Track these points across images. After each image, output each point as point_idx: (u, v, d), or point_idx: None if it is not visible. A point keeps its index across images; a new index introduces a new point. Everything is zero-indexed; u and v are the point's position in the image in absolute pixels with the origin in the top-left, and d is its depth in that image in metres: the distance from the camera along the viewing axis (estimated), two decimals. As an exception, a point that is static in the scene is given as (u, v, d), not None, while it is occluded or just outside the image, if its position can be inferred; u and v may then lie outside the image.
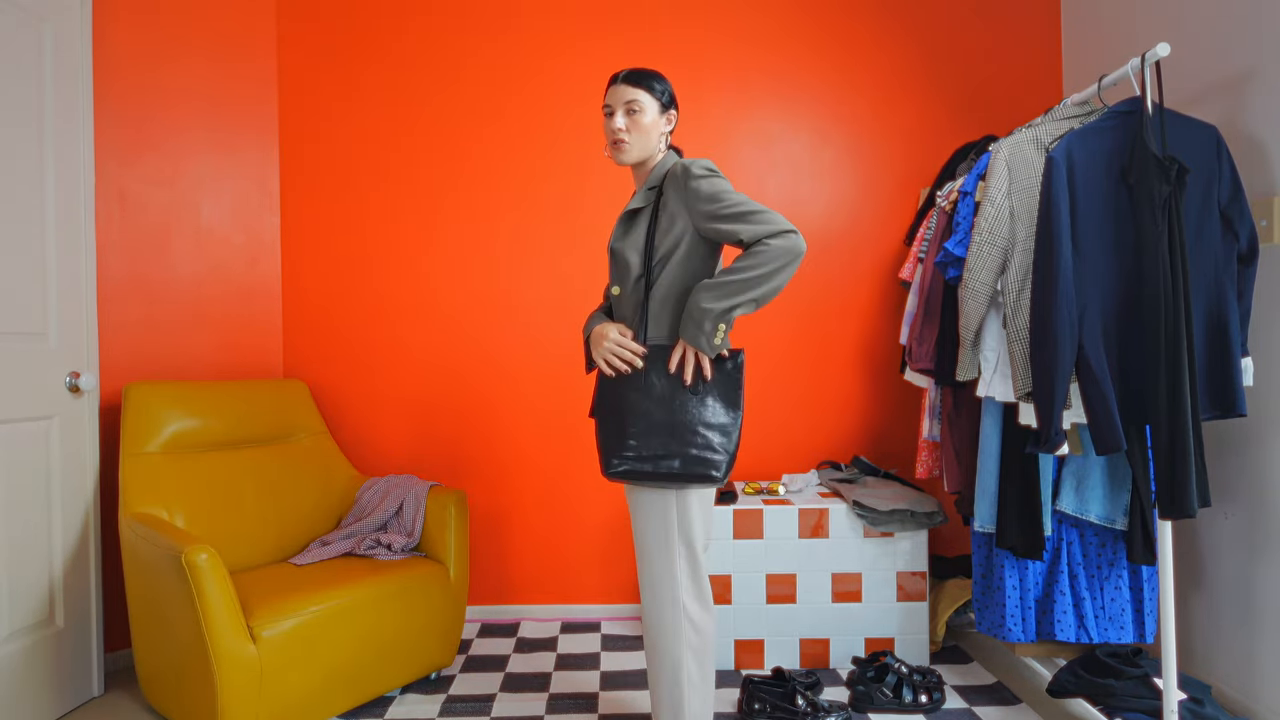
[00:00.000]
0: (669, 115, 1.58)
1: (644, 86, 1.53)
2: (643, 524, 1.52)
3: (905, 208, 2.67)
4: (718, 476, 1.44)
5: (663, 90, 1.55)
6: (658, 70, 1.61)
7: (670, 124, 1.58)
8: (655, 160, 1.58)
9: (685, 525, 1.50)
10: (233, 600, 1.64)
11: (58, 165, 1.95)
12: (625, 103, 1.53)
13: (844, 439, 2.67)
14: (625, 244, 1.54)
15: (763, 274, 1.37)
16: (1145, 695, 1.68)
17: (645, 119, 1.53)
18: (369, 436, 2.66)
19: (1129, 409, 1.62)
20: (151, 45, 2.33)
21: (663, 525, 1.50)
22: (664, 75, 1.61)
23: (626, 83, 1.53)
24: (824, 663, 2.22)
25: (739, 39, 2.67)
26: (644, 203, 1.54)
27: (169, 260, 2.38)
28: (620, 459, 1.45)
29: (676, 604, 1.50)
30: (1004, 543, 1.88)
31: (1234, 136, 1.86)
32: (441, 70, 2.66)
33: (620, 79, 1.54)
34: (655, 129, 1.55)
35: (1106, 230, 1.63)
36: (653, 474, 1.44)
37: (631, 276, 1.53)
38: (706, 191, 1.45)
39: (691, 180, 1.47)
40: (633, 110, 1.53)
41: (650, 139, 1.55)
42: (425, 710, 1.97)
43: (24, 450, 1.85)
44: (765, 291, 1.39)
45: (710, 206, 1.44)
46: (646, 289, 1.51)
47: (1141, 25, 2.22)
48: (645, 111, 1.53)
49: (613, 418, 1.48)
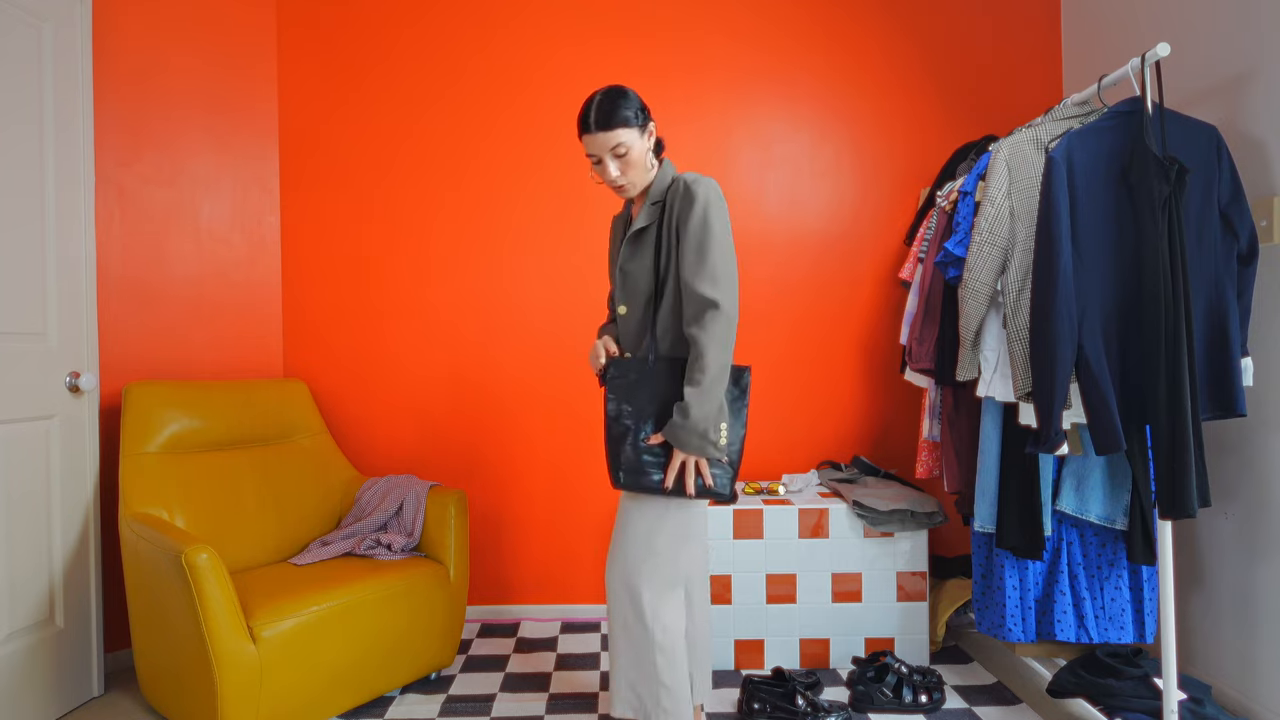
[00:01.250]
0: (649, 130, 1.52)
1: (619, 123, 1.45)
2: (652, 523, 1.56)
3: (905, 208, 2.67)
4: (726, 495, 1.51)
5: (635, 112, 1.47)
6: (620, 85, 1.50)
7: (652, 138, 1.53)
8: (653, 175, 1.56)
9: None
10: (233, 600, 1.64)
11: (58, 165, 1.95)
12: (611, 149, 1.47)
13: (844, 439, 2.67)
14: (636, 265, 1.53)
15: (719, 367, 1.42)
16: (1145, 695, 1.68)
17: (634, 154, 1.48)
18: (369, 436, 2.66)
19: (1129, 409, 1.62)
20: (151, 45, 2.33)
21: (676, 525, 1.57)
22: (625, 87, 1.50)
23: (601, 129, 1.45)
24: (824, 663, 2.22)
25: (739, 39, 2.67)
26: (649, 220, 1.52)
27: (169, 260, 2.38)
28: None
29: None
30: (1004, 543, 1.88)
31: (1234, 136, 1.86)
32: (441, 70, 2.66)
33: (592, 126, 1.45)
34: (644, 156, 1.51)
35: (1107, 230, 1.63)
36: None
37: (641, 298, 1.53)
38: (690, 228, 1.45)
39: (688, 204, 1.46)
40: (620, 154, 1.47)
41: (645, 167, 1.52)
42: (425, 710, 1.97)
43: (24, 450, 1.85)
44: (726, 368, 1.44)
45: (684, 253, 1.46)
46: (655, 310, 1.52)
47: (1141, 25, 2.22)
48: (633, 148, 1.48)
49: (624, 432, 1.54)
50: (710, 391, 1.42)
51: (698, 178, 1.47)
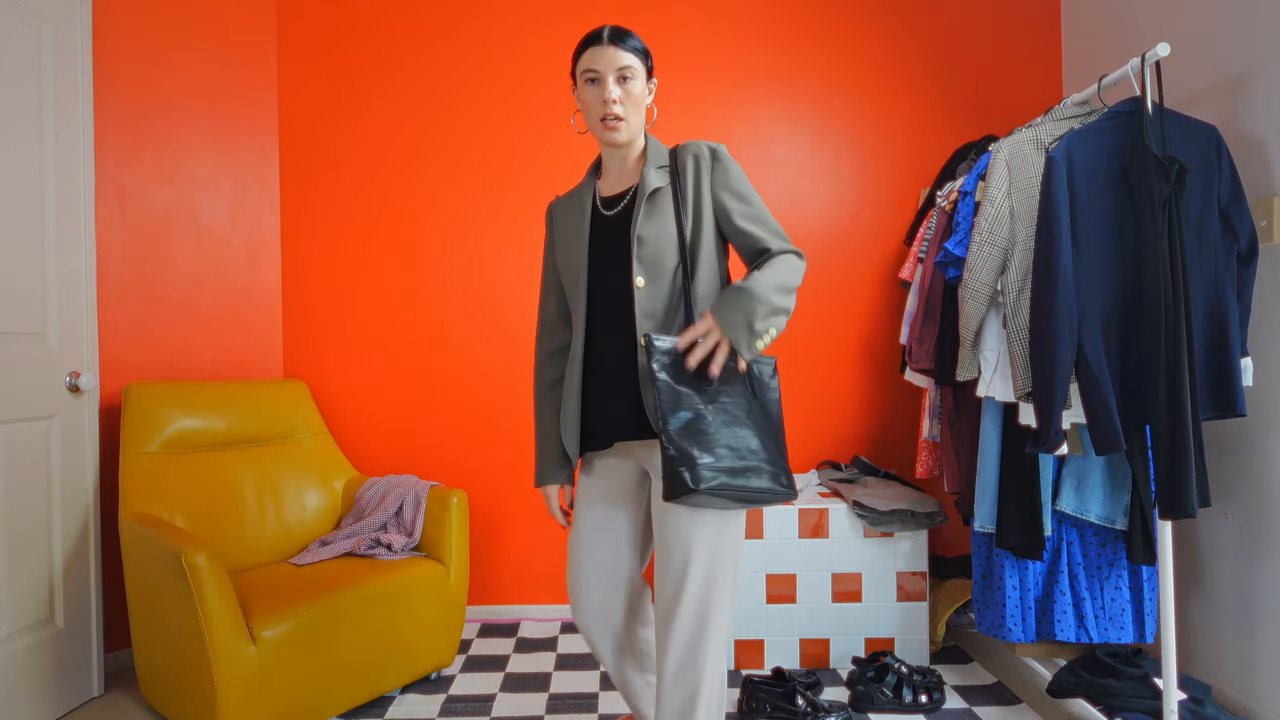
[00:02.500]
0: (652, 86, 1.38)
1: (634, 50, 1.30)
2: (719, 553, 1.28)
3: (905, 208, 2.67)
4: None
5: (647, 55, 1.34)
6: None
7: (652, 94, 1.38)
8: (640, 141, 1.38)
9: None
10: (232, 600, 1.64)
11: (58, 165, 1.95)
12: (619, 69, 1.28)
13: (844, 439, 2.67)
14: (656, 230, 1.30)
15: (794, 284, 1.26)
16: (1145, 695, 1.68)
17: (637, 91, 1.31)
18: (369, 436, 2.66)
19: (1129, 409, 1.62)
20: (151, 45, 2.33)
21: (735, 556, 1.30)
22: None
23: (616, 44, 1.28)
24: (824, 663, 2.22)
25: (739, 39, 2.67)
26: (663, 182, 1.33)
27: (169, 260, 2.38)
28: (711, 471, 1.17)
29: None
30: (1004, 543, 1.88)
31: (1234, 136, 1.86)
32: (442, 70, 2.66)
33: (606, 38, 1.28)
34: (643, 101, 1.34)
35: (1106, 230, 1.63)
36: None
37: (667, 266, 1.30)
38: (737, 186, 1.32)
39: (722, 165, 1.32)
40: (626, 78, 1.29)
41: (641, 114, 1.34)
42: (425, 710, 1.97)
43: (24, 450, 1.85)
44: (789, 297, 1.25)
45: (740, 205, 1.32)
46: (687, 278, 1.30)
47: (1141, 25, 2.22)
48: (637, 79, 1.30)
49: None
50: (779, 287, 1.23)
51: (713, 143, 1.36)
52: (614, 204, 1.39)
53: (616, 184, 1.41)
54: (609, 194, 1.41)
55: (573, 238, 1.40)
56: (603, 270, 1.36)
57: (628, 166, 1.40)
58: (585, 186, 1.44)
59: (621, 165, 1.40)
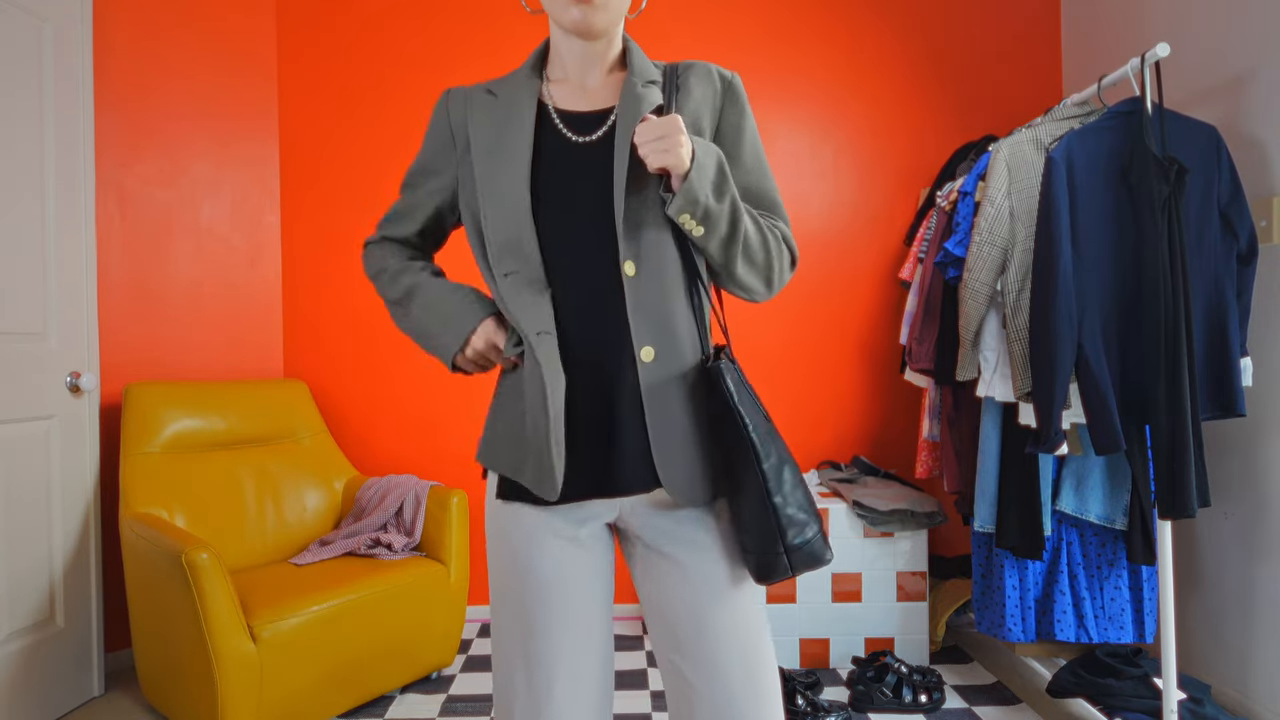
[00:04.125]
0: None
1: None
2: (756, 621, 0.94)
3: (905, 208, 2.67)
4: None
5: None
6: None
7: None
8: (618, 41, 0.96)
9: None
10: (233, 600, 1.64)
11: (58, 165, 1.95)
12: None
13: (844, 439, 2.67)
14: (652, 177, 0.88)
15: (775, 246, 0.92)
16: (1145, 695, 1.68)
17: None
18: (369, 436, 2.66)
19: (1129, 409, 1.62)
20: (152, 45, 2.33)
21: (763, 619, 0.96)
22: None
23: None
24: (824, 663, 2.22)
25: (739, 38, 2.67)
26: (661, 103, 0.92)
27: (169, 260, 2.38)
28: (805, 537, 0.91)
29: None
30: (1004, 543, 1.88)
31: (1234, 136, 1.86)
32: (442, 71, 2.66)
33: None
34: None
35: (1106, 230, 1.63)
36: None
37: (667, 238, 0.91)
38: (752, 137, 0.96)
39: (739, 104, 0.95)
40: None
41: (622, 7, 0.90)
42: (425, 710, 1.97)
43: (24, 450, 1.85)
44: (760, 255, 0.90)
45: (754, 163, 0.96)
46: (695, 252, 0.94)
47: (1141, 25, 2.22)
48: None
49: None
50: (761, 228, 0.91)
51: (725, 70, 0.97)
52: (586, 125, 0.92)
53: (580, 96, 0.94)
54: (570, 107, 0.94)
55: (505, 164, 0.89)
56: (562, 226, 0.88)
57: (599, 73, 0.95)
58: (518, 84, 0.95)
59: (588, 68, 0.94)
